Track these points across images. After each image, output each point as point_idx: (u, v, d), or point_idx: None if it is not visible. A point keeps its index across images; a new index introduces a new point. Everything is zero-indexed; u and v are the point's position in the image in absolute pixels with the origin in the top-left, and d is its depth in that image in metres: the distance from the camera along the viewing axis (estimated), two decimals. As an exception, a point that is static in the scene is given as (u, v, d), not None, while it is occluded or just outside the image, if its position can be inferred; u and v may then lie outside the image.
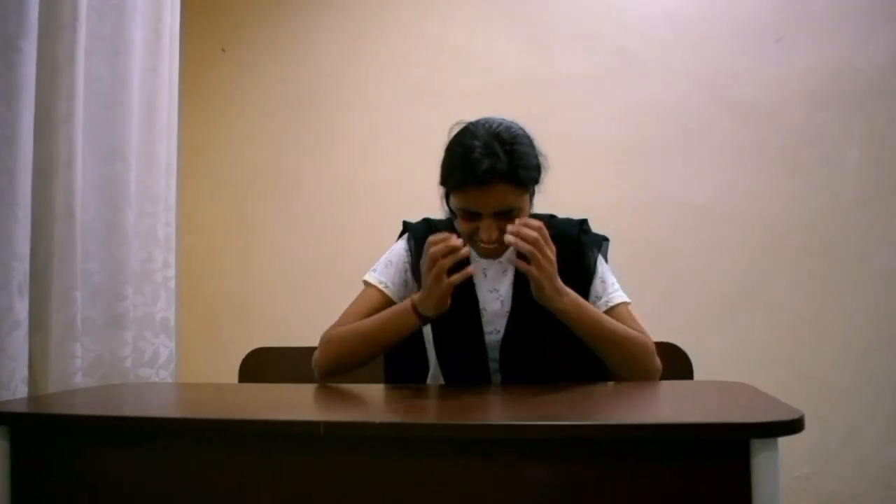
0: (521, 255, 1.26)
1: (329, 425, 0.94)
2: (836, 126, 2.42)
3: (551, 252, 1.25)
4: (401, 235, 1.54)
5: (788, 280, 2.40)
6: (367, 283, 1.46)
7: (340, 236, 2.71)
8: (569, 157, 2.44)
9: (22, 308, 1.32)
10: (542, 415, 1.01)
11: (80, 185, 1.49)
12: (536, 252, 1.22)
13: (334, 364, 1.37)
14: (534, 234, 1.22)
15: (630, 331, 1.34)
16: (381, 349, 1.39)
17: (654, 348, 1.35)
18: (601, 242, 1.49)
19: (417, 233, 1.48)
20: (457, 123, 1.37)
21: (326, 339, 1.38)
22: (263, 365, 1.94)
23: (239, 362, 1.92)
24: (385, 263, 1.47)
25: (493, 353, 1.42)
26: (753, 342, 2.39)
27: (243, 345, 1.92)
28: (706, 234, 2.47)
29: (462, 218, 1.33)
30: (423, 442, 0.92)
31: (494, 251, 1.35)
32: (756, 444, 0.83)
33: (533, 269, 1.24)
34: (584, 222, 1.48)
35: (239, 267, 2.79)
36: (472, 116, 1.37)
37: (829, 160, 2.41)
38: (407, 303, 1.33)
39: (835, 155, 2.41)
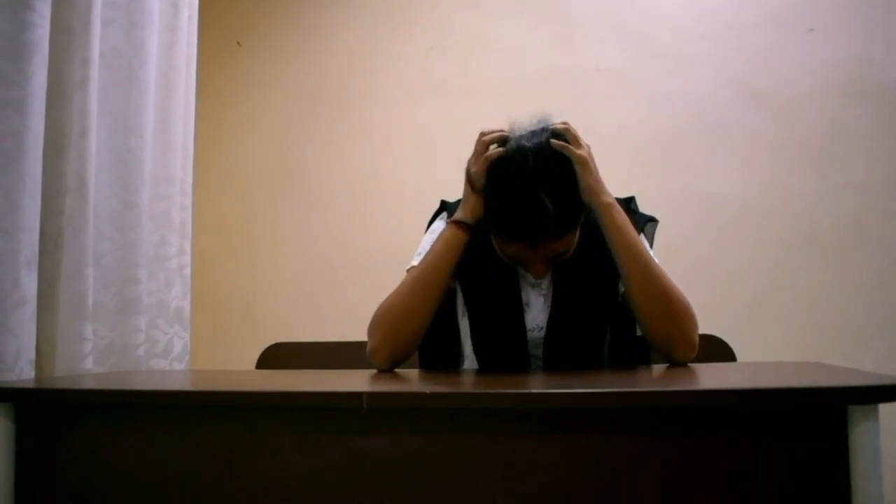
0: (556, 135, 1.19)
1: (373, 396, 0.84)
2: (872, 119, 2.33)
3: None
4: (436, 214, 1.44)
5: (820, 278, 2.30)
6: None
7: (355, 235, 2.62)
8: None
9: (30, 283, 1.22)
10: (607, 384, 0.90)
11: (94, 158, 1.40)
12: (572, 129, 1.18)
13: (393, 335, 1.20)
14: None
15: (674, 284, 1.21)
16: (436, 293, 1.23)
17: (696, 321, 1.23)
18: (648, 222, 1.39)
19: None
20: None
21: (374, 319, 1.23)
22: (282, 361, 1.84)
23: (251, 359, 1.82)
24: (429, 244, 1.36)
25: (536, 351, 1.31)
26: (780, 341, 2.29)
27: (255, 342, 1.83)
28: (733, 230, 2.38)
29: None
30: (479, 414, 0.81)
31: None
32: (855, 412, 0.73)
33: (571, 146, 1.17)
34: (631, 200, 1.38)
35: (251, 264, 2.69)
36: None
37: (864, 154, 2.33)
38: (444, 227, 1.25)
39: (870, 149, 2.32)
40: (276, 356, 1.87)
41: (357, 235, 2.62)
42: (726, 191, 2.40)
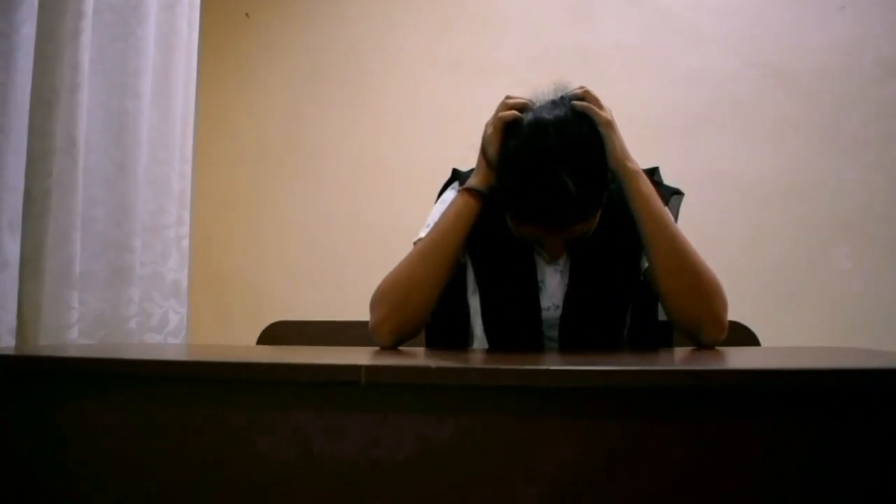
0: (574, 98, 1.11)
1: (371, 370, 0.75)
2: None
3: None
4: (448, 184, 1.35)
5: (847, 264, 2.20)
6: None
7: (364, 215, 2.54)
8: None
9: (12, 247, 1.15)
10: (638, 363, 0.81)
11: (85, 117, 1.32)
12: (592, 92, 1.11)
13: (398, 309, 1.11)
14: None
15: (703, 259, 1.11)
16: (445, 265, 1.14)
17: (726, 300, 1.12)
18: (673, 195, 1.29)
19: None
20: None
21: (378, 292, 1.14)
22: (284, 339, 1.77)
23: (252, 339, 1.75)
24: (439, 214, 1.27)
25: (551, 332, 1.22)
26: (805, 327, 2.19)
27: (257, 321, 1.75)
28: (755, 212, 2.28)
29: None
30: (490, 392, 0.73)
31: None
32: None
33: (595, 108, 1.09)
34: (655, 171, 1.28)
35: (255, 241, 2.62)
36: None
37: (894, 135, 2.22)
38: (454, 195, 1.17)
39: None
40: (278, 334, 1.80)
41: (366, 213, 2.54)
42: (749, 172, 2.30)
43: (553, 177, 1.02)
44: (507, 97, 1.14)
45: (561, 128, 1.06)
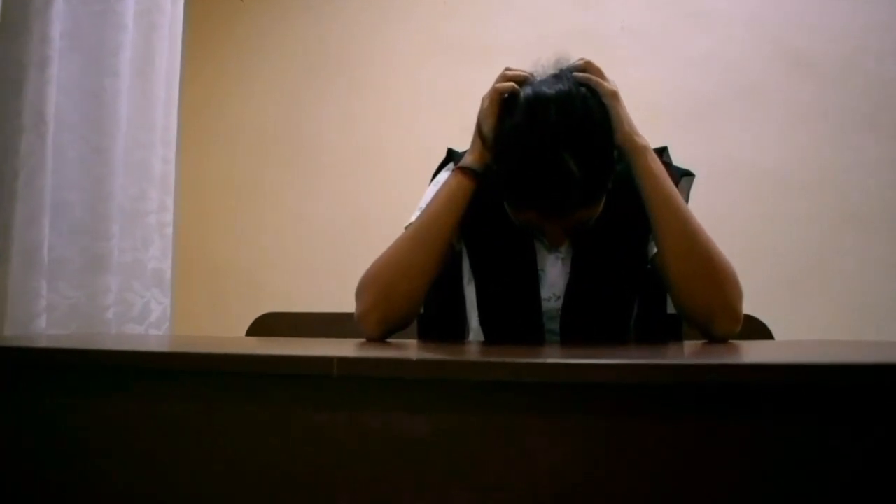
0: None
1: (344, 363, 0.67)
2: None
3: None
4: (442, 165, 1.26)
5: (864, 256, 2.11)
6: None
7: (362, 203, 2.46)
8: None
9: (-27, 230, 1.08)
10: (644, 357, 0.73)
11: (55, 94, 1.24)
12: (594, 64, 1.04)
13: (384, 297, 1.03)
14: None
15: (716, 245, 1.03)
16: (437, 250, 1.06)
17: (741, 289, 1.03)
18: (684, 176, 1.20)
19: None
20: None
21: (364, 278, 1.07)
22: (274, 331, 1.70)
23: (242, 331, 1.68)
24: (431, 196, 1.18)
25: (551, 325, 1.14)
26: (819, 321, 2.11)
27: (247, 312, 1.68)
28: (769, 202, 2.19)
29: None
30: (478, 388, 0.65)
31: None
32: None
33: (595, 78, 1.02)
34: (664, 150, 1.19)
35: (250, 231, 2.54)
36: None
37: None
38: (448, 175, 1.09)
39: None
40: (268, 327, 1.72)
41: (364, 202, 2.46)
42: (763, 160, 2.21)
43: (554, 157, 0.93)
44: (507, 69, 1.06)
45: (563, 103, 0.96)
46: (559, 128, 0.94)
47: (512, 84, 1.02)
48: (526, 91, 1.01)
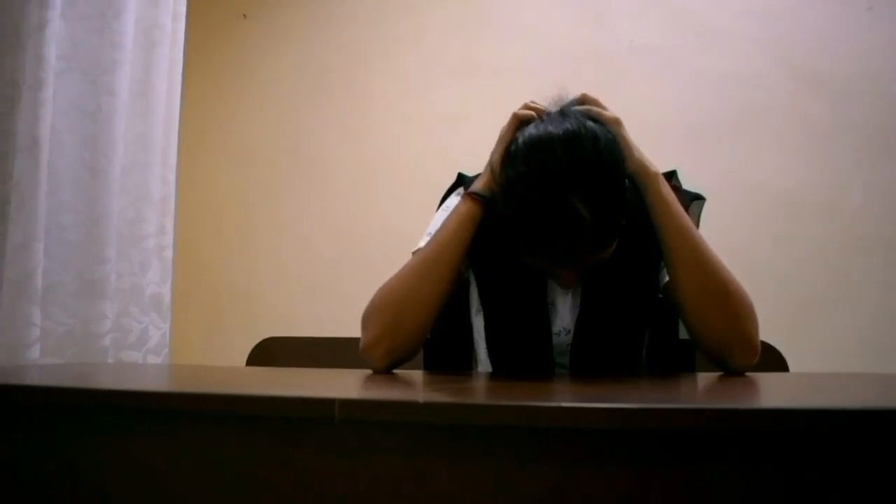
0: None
1: (347, 405, 0.62)
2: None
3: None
4: (452, 189, 1.21)
5: (879, 280, 2.06)
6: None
7: (364, 224, 2.41)
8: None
9: (-37, 257, 1.04)
10: (663, 400, 0.68)
11: (50, 115, 1.20)
12: (591, 96, 1.02)
13: (391, 327, 1.00)
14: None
15: (732, 275, 0.99)
16: (446, 278, 1.02)
17: (757, 320, 0.99)
18: (694, 200, 1.16)
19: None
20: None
21: (370, 307, 1.03)
22: (276, 357, 1.65)
23: (243, 355, 1.63)
24: (440, 222, 1.14)
25: (561, 359, 1.09)
26: (833, 349, 2.05)
27: (248, 336, 1.63)
28: (781, 225, 2.14)
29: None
30: (487, 433, 0.60)
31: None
32: None
33: (595, 108, 1.00)
34: (673, 174, 1.15)
35: (249, 253, 2.50)
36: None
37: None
38: (458, 201, 1.05)
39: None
40: (269, 352, 1.68)
41: (366, 223, 2.41)
42: (773, 182, 2.17)
43: (563, 203, 0.87)
44: (532, 102, 1.02)
45: (572, 144, 0.90)
46: (568, 169, 0.88)
47: (532, 113, 0.98)
48: (529, 130, 0.96)
